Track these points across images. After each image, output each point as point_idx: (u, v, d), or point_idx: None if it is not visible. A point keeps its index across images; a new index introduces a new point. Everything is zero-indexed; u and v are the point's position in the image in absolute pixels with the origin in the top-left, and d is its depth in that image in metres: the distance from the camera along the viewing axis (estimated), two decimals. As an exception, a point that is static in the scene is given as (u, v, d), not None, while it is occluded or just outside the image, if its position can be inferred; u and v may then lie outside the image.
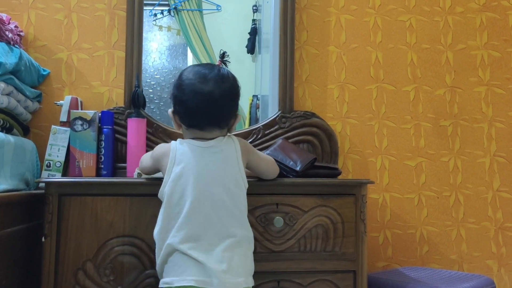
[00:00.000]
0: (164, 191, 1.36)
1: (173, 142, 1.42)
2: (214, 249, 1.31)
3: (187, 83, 1.38)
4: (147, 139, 1.92)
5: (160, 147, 1.44)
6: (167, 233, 1.33)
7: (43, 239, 1.49)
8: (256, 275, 1.56)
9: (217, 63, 1.57)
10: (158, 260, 1.36)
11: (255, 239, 1.57)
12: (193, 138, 1.41)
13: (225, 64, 1.57)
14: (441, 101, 2.19)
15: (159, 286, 1.34)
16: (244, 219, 1.40)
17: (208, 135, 1.40)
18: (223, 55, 1.58)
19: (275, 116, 2.03)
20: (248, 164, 1.48)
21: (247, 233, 1.39)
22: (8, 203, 1.39)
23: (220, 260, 1.30)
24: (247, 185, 1.42)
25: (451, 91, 2.20)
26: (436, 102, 2.18)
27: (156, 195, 1.40)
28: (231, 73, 1.44)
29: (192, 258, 1.29)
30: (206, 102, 1.36)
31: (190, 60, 2.21)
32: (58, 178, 1.71)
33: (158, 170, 1.47)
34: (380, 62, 2.17)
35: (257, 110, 2.18)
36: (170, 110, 1.47)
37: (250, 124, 2.13)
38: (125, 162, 1.90)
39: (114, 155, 1.89)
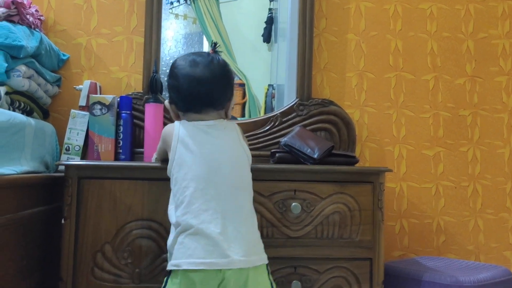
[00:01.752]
0: (172, 169, 1.37)
1: (177, 122, 1.44)
2: (226, 224, 1.30)
3: (179, 69, 1.42)
4: (164, 124, 1.93)
5: (166, 128, 1.47)
6: (179, 209, 1.33)
7: (62, 221, 1.51)
8: (273, 260, 1.57)
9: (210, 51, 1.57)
10: (169, 240, 1.36)
11: (273, 225, 1.58)
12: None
13: (217, 53, 1.57)
14: (461, 91, 2.16)
15: (167, 268, 1.34)
16: (251, 194, 1.41)
17: (206, 118, 1.42)
18: (215, 45, 1.58)
19: (293, 103, 2.03)
20: None
21: (254, 211, 1.40)
22: (29, 185, 1.41)
23: (233, 236, 1.30)
24: (250, 161, 1.43)
25: (471, 80, 2.18)
26: (456, 92, 2.16)
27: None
28: (222, 59, 1.47)
29: (203, 238, 1.28)
30: (198, 84, 1.40)
31: (206, 49, 2.21)
32: (77, 161, 1.72)
33: (166, 152, 1.47)
34: (400, 50, 2.15)
35: (273, 99, 2.18)
36: (166, 101, 1.50)
37: (265, 113, 2.13)
38: (142, 147, 1.90)
39: (132, 140, 1.90)
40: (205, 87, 1.40)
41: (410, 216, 2.11)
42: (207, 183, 1.33)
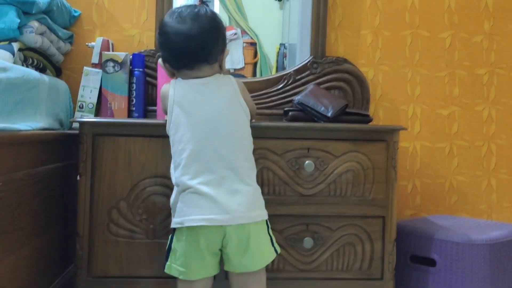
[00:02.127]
0: (169, 130, 1.37)
1: (172, 81, 1.42)
2: (225, 183, 1.31)
3: (167, 26, 1.38)
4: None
5: (162, 88, 1.45)
6: (177, 170, 1.34)
7: (78, 178, 1.53)
8: (285, 218, 1.59)
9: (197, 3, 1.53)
10: (171, 198, 1.38)
11: (285, 183, 1.58)
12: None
13: (205, 4, 1.52)
14: (478, 49, 2.12)
15: (171, 226, 1.36)
16: (251, 153, 1.40)
17: (200, 73, 1.39)
18: None
19: (307, 61, 2.00)
20: None
21: (254, 167, 1.40)
22: (45, 141, 1.42)
23: (232, 194, 1.30)
24: (249, 117, 1.42)
25: (488, 38, 2.13)
26: (473, 50, 2.12)
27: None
28: (209, 9, 1.42)
29: (203, 196, 1.29)
30: (186, 39, 1.35)
31: (217, 7, 2.17)
32: (92, 118, 1.73)
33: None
34: (416, 7, 2.10)
35: (284, 58, 2.15)
36: (160, 60, 1.46)
37: (277, 72, 2.11)
38: (155, 105, 1.91)
39: (145, 97, 1.90)
40: (194, 42, 1.35)
41: (423, 175, 2.11)
42: (204, 145, 1.32)
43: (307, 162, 1.58)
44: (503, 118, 2.13)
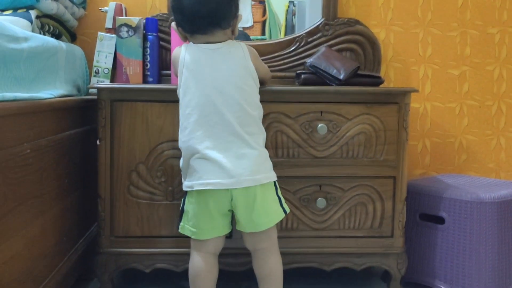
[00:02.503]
0: (179, 92, 1.41)
1: (183, 45, 1.45)
2: (231, 148, 1.36)
3: None
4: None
5: (173, 52, 1.48)
6: (184, 134, 1.39)
7: (97, 142, 1.58)
8: (299, 179, 1.64)
9: None
10: (183, 162, 1.43)
11: (299, 145, 1.63)
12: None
13: None
14: (490, 8, 2.11)
15: (183, 188, 1.43)
16: (259, 118, 1.44)
17: (213, 39, 1.42)
18: None
19: (318, 23, 2.01)
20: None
21: (262, 131, 1.44)
22: (65, 108, 1.46)
23: (238, 158, 1.35)
24: (258, 84, 1.45)
25: (501, -4, 2.12)
26: (485, 9, 2.11)
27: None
28: None
29: (210, 161, 1.35)
30: (199, 3, 1.37)
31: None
32: (110, 84, 1.76)
33: None
34: (429, -34, 2.09)
35: (293, 16, 2.15)
36: (173, 23, 1.48)
37: (286, 31, 2.12)
38: (169, 69, 1.93)
39: (159, 62, 1.92)
40: (208, 6, 1.37)
41: (433, 135, 2.14)
42: (211, 110, 1.36)
43: (320, 125, 1.61)
44: (513, 77, 2.14)
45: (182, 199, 1.45)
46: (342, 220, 1.66)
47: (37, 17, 1.55)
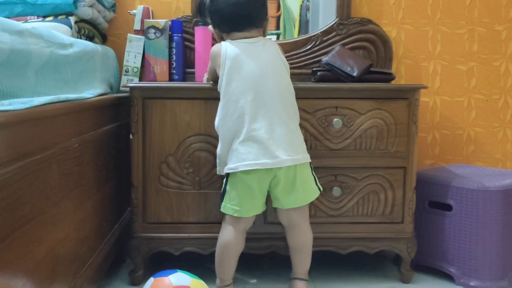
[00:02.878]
0: (222, 83, 1.56)
1: (223, 42, 1.61)
2: (273, 130, 1.52)
3: None
4: (213, 46, 2.07)
5: (213, 48, 1.64)
6: (232, 119, 1.54)
7: (130, 136, 1.72)
8: (315, 170, 1.76)
9: None
10: (222, 149, 1.59)
11: (316, 138, 1.76)
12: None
13: None
14: (497, 6, 2.22)
15: (224, 172, 1.58)
16: (294, 101, 1.61)
17: (249, 35, 1.59)
18: None
19: (333, 23, 2.13)
20: None
21: (298, 116, 1.61)
22: (103, 106, 1.61)
23: (280, 139, 1.52)
24: (289, 70, 1.63)
25: (508, -5, 2.22)
26: (492, 7, 2.21)
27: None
28: None
29: (255, 143, 1.51)
30: (237, 6, 1.56)
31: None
32: (141, 83, 1.90)
33: (216, 71, 1.64)
34: (438, -33, 2.20)
35: (307, 11, 2.27)
36: (210, 26, 1.68)
37: (300, 26, 2.23)
38: (193, 67, 2.06)
39: (183, 61, 2.06)
40: (243, 8, 1.57)
41: (442, 127, 2.26)
42: (255, 95, 1.53)
43: (335, 119, 1.74)
44: (519, 72, 2.25)
45: (224, 181, 1.60)
46: (356, 207, 1.79)
47: (75, 22, 1.70)
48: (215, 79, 1.66)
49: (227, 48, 1.57)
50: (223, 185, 1.60)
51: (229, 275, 1.61)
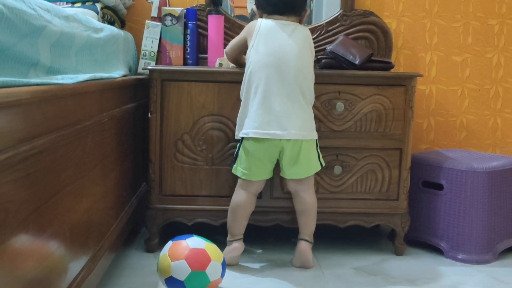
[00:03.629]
0: (250, 52, 1.74)
1: (259, 18, 1.78)
2: (289, 104, 1.69)
3: None
4: (225, 33, 2.21)
5: (250, 23, 1.83)
6: (249, 88, 1.71)
7: (149, 115, 1.87)
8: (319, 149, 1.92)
9: None
10: (240, 113, 1.76)
11: (320, 120, 1.91)
12: None
13: None
14: (491, 1, 2.36)
15: (239, 136, 1.76)
16: (312, 85, 1.76)
17: (287, 19, 1.75)
18: None
19: (337, 14, 2.27)
20: None
21: (313, 96, 1.78)
22: (127, 85, 1.75)
23: (292, 115, 1.69)
24: (313, 58, 1.80)
25: (502, -9, 2.37)
26: (486, 2, 2.36)
27: (239, 82, 1.77)
28: None
29: (268, 113, 1.69)
30: None
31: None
32: (160, 66, 2.03)
33: (243, 43, 1.80)
34: (437, -37, 2.34)
35: (311, 2, 2.40)
36: (253, 6, 1.84)
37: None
38: (206, 53, 2.20)
39: (197, 47, 2.20)
40: None
41: (437, 114, 2.41)
42: (277, 69, 1.70)
43: (338, 103, 1.89)
44: (510, 64, 2.39)
45: (238, 145, 1.79)
46: (355, 184, 1.95)
47: (101, 8, 1.84)
48: (238, 52, 1.84)
49: (262, 22, 1.74)
50: (237, 149, 1.78)
51: (239, 230, 1.81)
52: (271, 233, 2.14)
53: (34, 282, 0.95)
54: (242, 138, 1.75)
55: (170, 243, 1.58)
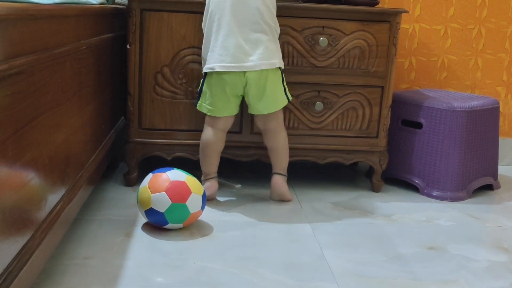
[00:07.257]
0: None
1: None
2: (252, 35, 1.67)
3: None
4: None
5: None
6: (211, 22, 1.69)
7: (128, 46, 1.82)
8: (300, 85, 1.91)
9: None
10: (203, 49, 1.73)
11: (302, 55, 1.88)
12: None
13: None
14: None
15: (203, 71, 1.73)
16: (275, 16, 1.73)
17: None
18: None
19: None
20: None
21: (277, 25, 1.74)
22: (104, 14, 1.68)
23: (257, 44, 1.67)
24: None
25: None
26: None
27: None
28: None
29: (230, 47, 1.65)
30: None
31: None
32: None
33: None
34: None
35: None
36: None
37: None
38: (186, -17, 2.13)
39: (177, -24, 2.12)
40: None
41: (419, 54, 2.40)
42: (237, 5, 1.65)
43: (321, 38, 1.86)
44: (494, 3, 2.37)
45: (201, 81, 1.76)
46: (336, 122, 1.95)
47: None
48: None
49: None
50: (200, 85, 1.76)
51: (211, 169, 1.80)
52: (250, 168, 2.16)
53: (13, 211, 0.93)
54: (205, 73, 1.72)
55: (150, 175, 1.57)
